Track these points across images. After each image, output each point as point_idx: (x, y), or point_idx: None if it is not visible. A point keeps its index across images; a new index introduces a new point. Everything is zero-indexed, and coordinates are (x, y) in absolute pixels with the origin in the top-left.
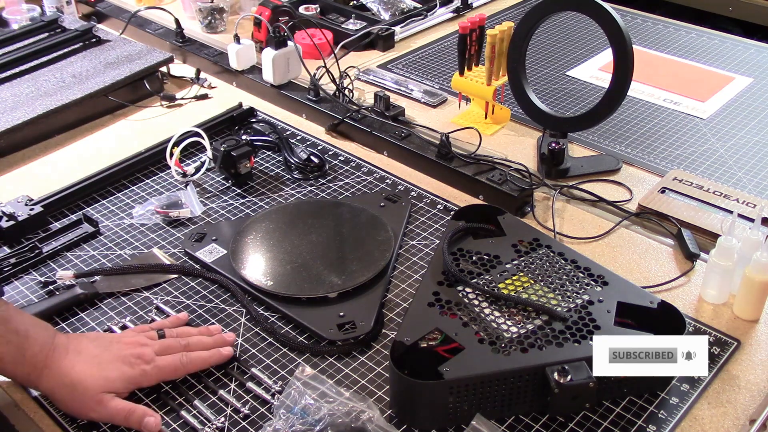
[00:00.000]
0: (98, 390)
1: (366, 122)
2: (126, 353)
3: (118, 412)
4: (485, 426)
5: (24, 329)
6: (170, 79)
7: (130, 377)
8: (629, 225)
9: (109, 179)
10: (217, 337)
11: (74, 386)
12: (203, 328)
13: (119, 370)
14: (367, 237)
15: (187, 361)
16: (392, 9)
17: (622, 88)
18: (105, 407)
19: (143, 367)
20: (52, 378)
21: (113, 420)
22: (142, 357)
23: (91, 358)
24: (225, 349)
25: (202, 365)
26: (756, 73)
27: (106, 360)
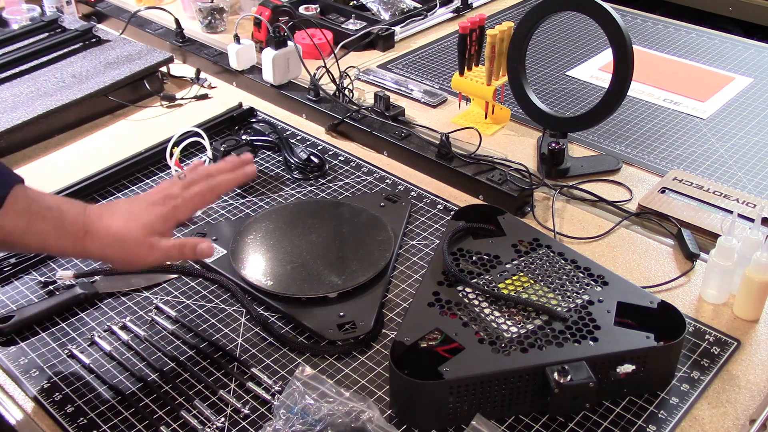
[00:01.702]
0: (143, 236)
1: (366, 122)
2: (154, 198)
3: (171, 248)
4: (485, 426)
5: (56, 204)
6: (170, 79)
7: (165, 215)
8: (629, 225)
9: (109, 179)
10: (235, 160)
11: (120, 241)
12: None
13: (153, 213)
14: (367, 237)
15: (215, 185)
16: (392, 9)
17: (622, 88)
18: (158, 249)
19: (174, 202)
20: (96, 240)
21: (170, 257)
22: (170, 195)
23: (124, 212)
24: (248, 167)
25: (230, 186)
26: (756, 73)
27: (138, 209)
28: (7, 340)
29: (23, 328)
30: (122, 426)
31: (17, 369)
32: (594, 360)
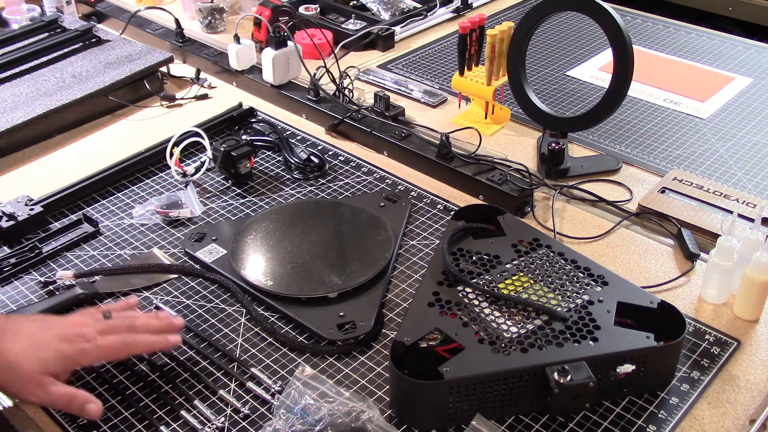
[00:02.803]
0: (35, 371)
1: (366, 122)
2: (66, 332)
3: (59, 397)
4: (485, 426)
5: None
6: (170, 79)
7: (67, 356)
8: (629, 225)
9: (109, 179)
10: (165, 321)
11: (11, 368)
12: (151, 313)
13: (57, 349)
14: (367, 237)
15: (132, 343)
16: (392, 9)
17: (622, 88)
18: (45, 392)
19: (83, 345)
20: None
21: (55, 405)
22: (83, 335)
23: (28, 337)
24: (172, 336)
25: (147, 349)
26: (756, 73)
27: (44, 339)
28: None
29: None
30: (122, 426)
31: None
32: (594, 360)
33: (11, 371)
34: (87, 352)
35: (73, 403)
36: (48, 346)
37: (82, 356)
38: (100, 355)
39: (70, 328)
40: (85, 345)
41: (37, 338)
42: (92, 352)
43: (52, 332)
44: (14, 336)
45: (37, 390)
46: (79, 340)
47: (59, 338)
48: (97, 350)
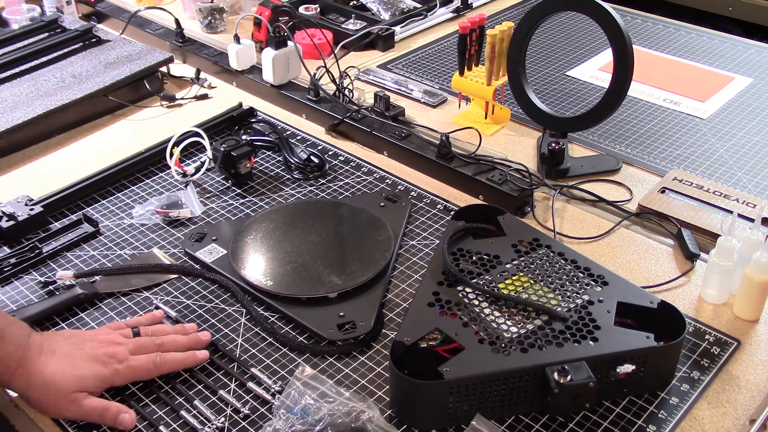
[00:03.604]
0: (71, 389)
1: (366, 122)
2: (99, 352)
3: (92, 410)
4: (485, 426)
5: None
6: (170, 79)
7: (102, 376)
8: (629, 225)
9: (109, 179)
10: (192, 337)
11: (47, 386)
12: (179, 327)
13: (92, 369)
14: (367, 237)
15: (161, 362)
16: (392, 9)
17: (622, 88)
18: (79, 406)
19: (116, 366)
20: (24, 378)
21: (87, 418)
22: (116, 356)
23: (64, 356)
24: (201, 352)
25: (176, 367)
26: (756, 73)
27: (78, 358)
28: None
29: None
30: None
31: None
32: (594, 360)
33: (46, 388)
34: (120, 373)
35: (106, 415)
36: (83, 366)
37: (116, 377)
38: (133, 375)
39: (102, 348)
40: (118, 366)
41: (73, 358)
42: (125, 372)
43: (85, 351)
44: (49, 356)
45: (71, 406)
46: (112, 362)
47: (93, 359)
48: (130, 371)
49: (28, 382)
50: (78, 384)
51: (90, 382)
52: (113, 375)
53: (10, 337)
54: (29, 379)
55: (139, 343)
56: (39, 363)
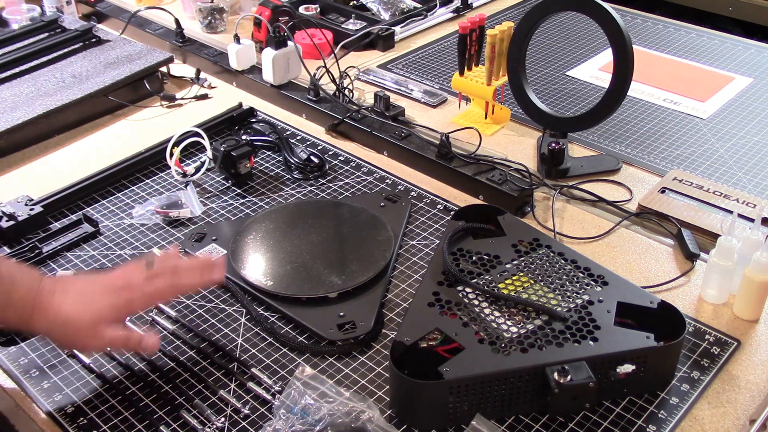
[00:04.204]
0: (90, 323)
1: (366, 122)
2: (113, 283)
3: (115, 339)
4: (485, 426)
5: (9, 274)
6: (170, 79)
7: (118, 306)
8: (629, 225)
9: (109, 179)
10: (206, 261)
11: (67, 323)
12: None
13: (107, 300)
14: (367, 237)
15: (177, 285)
16: (392, 9)
17: (622, 88)
18: (101, 338)
19: (131, 295)
20: (43, 319)
21: (113, 348)
22: (130, 286)
23: (79, 293)
24: (217, 272)
25: (193, 288)
26: (756, 73)
27: (93, 293)
28: (7, 340)
29: None
30: (122, 426)
31: (17, 369)
32: (594, 360)
33: (67, 326)
34: (136, 301)
35: (129, 343)
36: (98, 298)
37: (132, 305)
38: (149, 301)
39: (117, 279)
40: (132, 294)
41: (87, 293)
42: (141, 299)
43: (99, 286)
44: (63, 294)
45: (94, 339)
46: (127, 292)
47: (108, 290)
48: (146, 297)
49: (47, 322)
50: (96, 317)
51: (107, 313)
52: (129, 303)
53: (21, 282)
54: (48, 320)
55: (155, 270)
56: (54, 303)
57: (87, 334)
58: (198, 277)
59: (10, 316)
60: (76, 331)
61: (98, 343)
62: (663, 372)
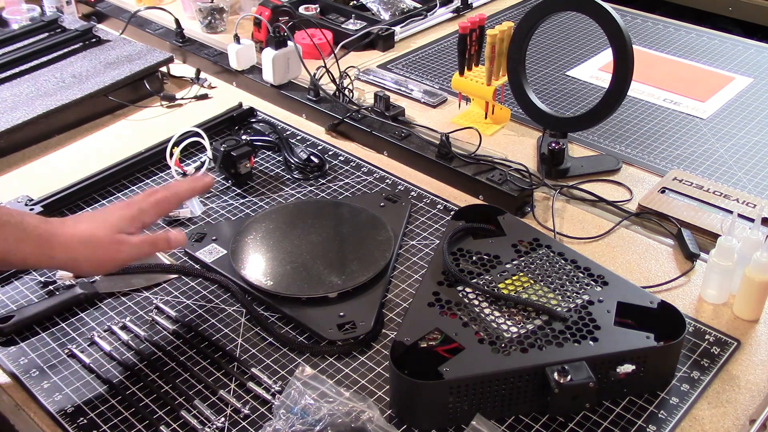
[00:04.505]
0: (110, 234)
1: (366, 122)
2: (120, 204)
3: (142, 243)
4: (485, 426)
5: (16, 212)
6: (170, 79)
7: (130, 216)
8: (629, 225)
9: (109, 179)
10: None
11: (88, 242)
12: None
13: (118, 213)
14: (367, 237)
15: (176, 191)
16: (392, 9)
17: (622, 88)
18: (129, 245)
19: (139, 205)
20: (62, 245)
21: (143, 252)
22: (135, 201)
23: (90, 217)
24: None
25: (191, 193)
26: (756, 73)
27: (103, 213)
28: (7, 340)
29: (23, 328)
30: (122, 426)
31: (17, 369)
32: (594, 360)
33: (88, 243)
34: (145, 210)
35: (158, 243)
36: (109, 214)
37: (143, 214)
38: (158, 210)
39: (121, 203)
40: (140, 205)
41: (98, 215)
42: (150, 209)
43: (108, 209)
44: (75, 221)
45: (121, 247)
46: (133, 204)
47: (116, 207)
48: (154, 206)
49: (67, 246)
50: (114, 228)
51: (123, 224)
52: (140, 213)
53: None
54: (68, 244)
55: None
56: (68, 229)
57: (111, 244)
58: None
59: (28, 250)
60: (99, 245)
61: (126, 249)
62: (663, 372)
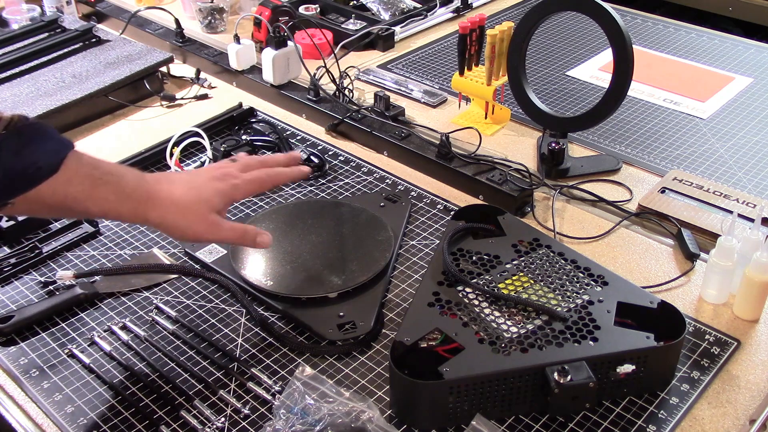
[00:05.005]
0: (205, 212)
1: (366, 122)
2: (214, 173)
3: (232, 231)
4: (485, 426)
5: (115, 169)
6: (170, 79)
7: (224, 191)
8: (629, 225)
9: None
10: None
11: (182, 210)
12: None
13: (214, 188)
14: (367, 237)
15: (273, 173)
16: (392, 9)
17: (622, 88)
18: (219, 228)
19: (233, 181)
20: (159, 206)
21: (228, 239)
22: (230, 174)
23: (185, 183)
24: (304, 167)
25: (286, 179)
26: (756, 73)
27: (198, 183)
28: (7, 340)
29: (23, 328)
30: (122, 426)
31: (17, 369)
32: (594, 360)
33: (182, 211)
34: (239, 187)
35: (246, 236)
36: (205, 187)
37: (236, 191)
38: (250, 188)
39: (215, 170)
40: (234, 181)
41: (193, 182)
42: (243, 186)
43: (202, 176)
44: (170, 184)
45: (212, 227)
46: (229, 178)
47: (211, 178)
48: (247, 184)
49: (162, 209)
50: (207, 204)
51: (216, 200)
52: (233, 189)
53: (128, 174)
54: (162, 207)
55: (245, 161)
56: (164, 191)
57: (203, 222)
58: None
59: (126, 209)
60: (192, 216)
61: (215, 233)
62: (663, 372)
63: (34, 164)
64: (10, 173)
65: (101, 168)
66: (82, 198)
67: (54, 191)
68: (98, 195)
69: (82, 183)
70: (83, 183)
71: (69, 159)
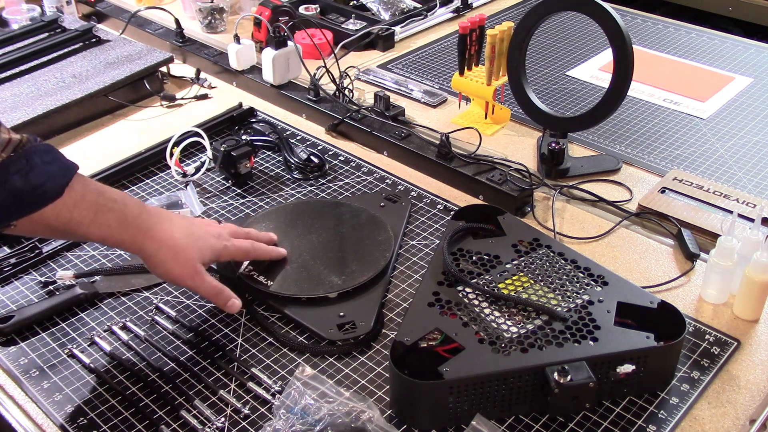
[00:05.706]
0: (195, 259)
1: (366, 122)
2: (209, 229)
3: (211, 288)
4: (485, 426)
5: (119, 196)
6: (170, 79)
7: (216, 249)
8: (629, 225)
9: (109, 179)
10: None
11: (176, 251)
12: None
13: (208, 242)
14: (367, 237)
15: (258, 247)
16: (392, 9)
17: (622, 88)
18: (201, 280)
19: (225, 242)
20: (156, 240)
21: (204, 293)
22: (222, 235)
23: (185, 228)
24: (281, 249)
25: (265, 255)
26: (756, 73)
27: (196, 233)
28: (7, 340)
29: (23, 328)
30: (122, 426)
31: (17, 369)
32: (594, 360)
33: (175, 254)
34: (227, 249)
35: (220, 296)
36: (202, 238)
37: (224, 252)
38: (235, 253)
39: (211, 227)
40: (226, 243)
41: (191, 230)
42: (230, 249)
43: (200, 228)
44: (171, 224)
45: (195, 276)
46: (222, 239)
47: (207, 233)
48: (234, 249)
49: (159, 243)
50: (200, 255)
51: (207, 253)
52: (223, 250)
53: (131, 204)
54: (160, 242)
55: (232, 228)
56: (164, 228)
57: (191, 269)
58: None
59: (125, 237)
60: (183, 262)
61: (196, 282)
62: (663, 372)
63: (41, 187)
64: (16, 195)
65: (106, 194)
66: (86, 222)
67: (58, 214)
68: (101, 221)
69: (87, 208)
70: (88, 208)
71: (74, 183)
